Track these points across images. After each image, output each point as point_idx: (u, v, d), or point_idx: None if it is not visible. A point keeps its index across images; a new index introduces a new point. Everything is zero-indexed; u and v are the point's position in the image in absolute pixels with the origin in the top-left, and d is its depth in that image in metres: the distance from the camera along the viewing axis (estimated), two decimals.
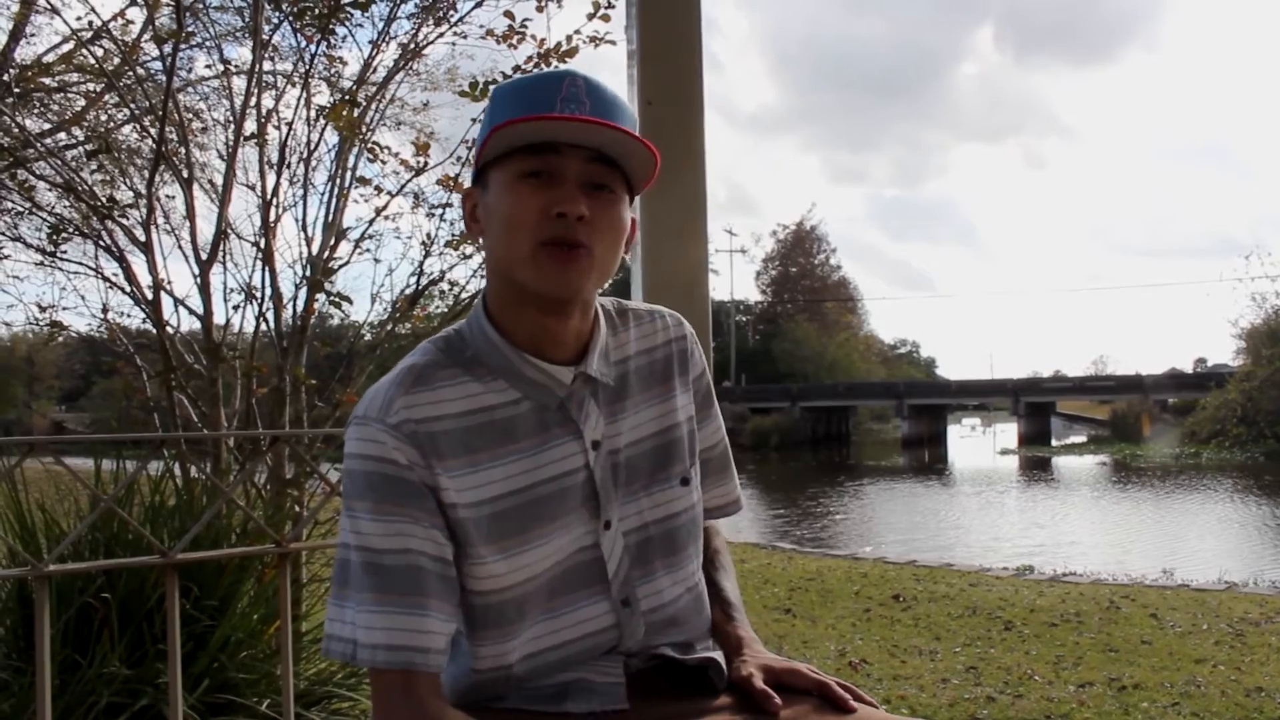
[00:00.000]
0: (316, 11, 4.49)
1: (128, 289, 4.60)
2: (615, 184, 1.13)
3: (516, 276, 1.11)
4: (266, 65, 4.78)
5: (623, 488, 1.20)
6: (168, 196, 5.18)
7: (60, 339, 5.47)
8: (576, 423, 1.17)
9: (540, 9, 4.57)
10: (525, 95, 1.10)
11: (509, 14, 4.54)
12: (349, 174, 4.67)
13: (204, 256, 4.42)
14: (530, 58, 4.44)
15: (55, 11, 5.30)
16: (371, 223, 4.74)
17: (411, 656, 1.05)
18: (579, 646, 1.18)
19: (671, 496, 1.24)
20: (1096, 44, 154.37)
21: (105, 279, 4.89)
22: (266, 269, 4.37)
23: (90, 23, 5.26)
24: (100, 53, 5.89)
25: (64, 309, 5.30)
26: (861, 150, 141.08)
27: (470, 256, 4.76)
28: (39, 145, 5.27)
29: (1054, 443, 42.37)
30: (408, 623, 1.06)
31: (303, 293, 4.40)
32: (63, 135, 7.07)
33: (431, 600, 1.07)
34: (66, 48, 7.41)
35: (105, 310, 5.10)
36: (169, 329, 4.37)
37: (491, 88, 1.18)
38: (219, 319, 4.49)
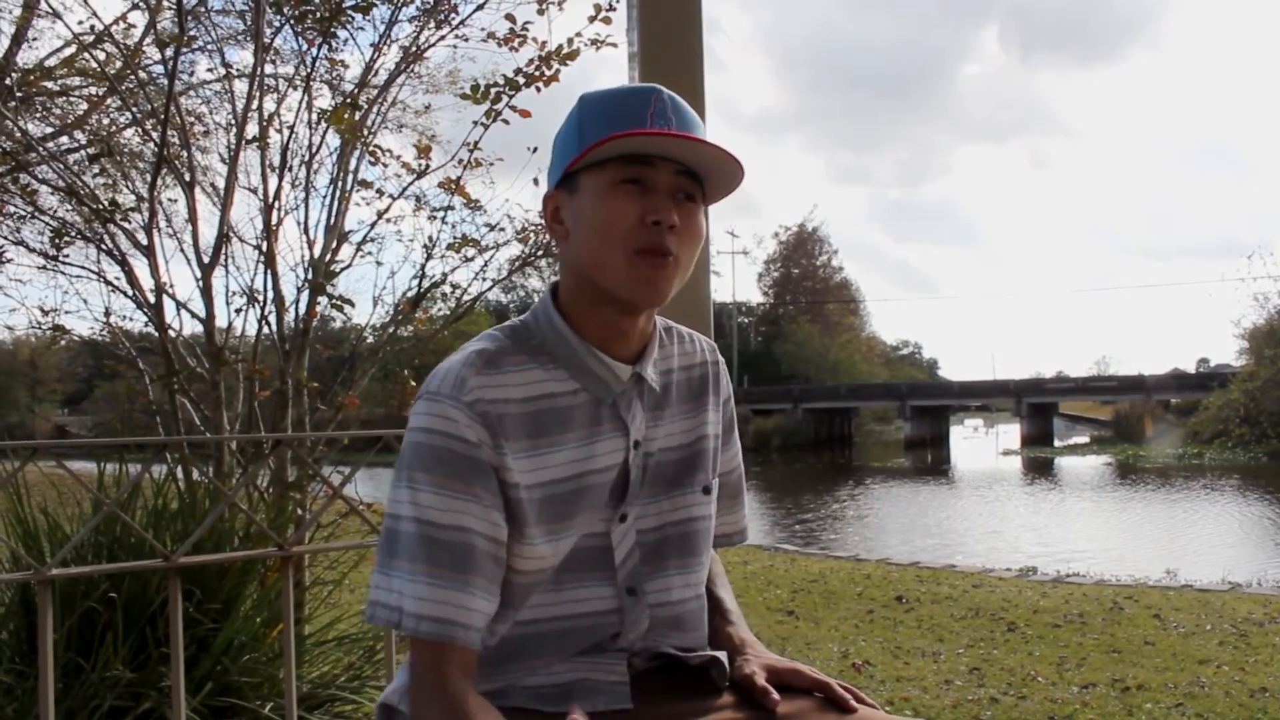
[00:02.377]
0: (318, 15, 4.49)
1: (130, 292, 4.60)
2: (697, 195, 1.19)
3: (604, 280, 1.16)
4: (268, 68, 4.79)
5: (648, 487, 1.24)
6: (170, 200, 5.19)
7: (63, 342, 5.47)
8: (625, 420, 1.22)
9: (541, 12, 4.58)
10: (617, 108, 1.16)
11: (510, 17, 4.55)
12: (350, 177, 4.67)
13: (206, 260, 4.43)
14: (531, 60, 4.44)
15: (57, 15, 5.31)
16: (373, 225, 4.75)
17: (453, 630, 1.08)
18: (579, 624, 1.21)
19: (692, 502, 1.28)
20: (1101, 43, 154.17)
21: (107, 282, 4.90)
22: (268, 272, 4.38)
23: (92, 26, 5.29)
24: (102, 56, 5.90)
25: (66, 313, 5.31)
26: (864, 151, 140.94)
27: (472, 259, 4.77)
28: (41, 149, 5.28)
29: (1056, 443, 42.33)
30: (455, 597, 1.09)
31: (305, 296, 4.41)
32: (65, 139, 7.09)
33: (479, 579, 1.11)
34: (68, 51, 7.43)
35: (107, 314, 5.11)
36: (171, 332, 4.37)
37: (581, 95, 1.24)
38: (221, 322, 4.50)
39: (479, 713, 1.06)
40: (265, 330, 4.45)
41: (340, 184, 4.63)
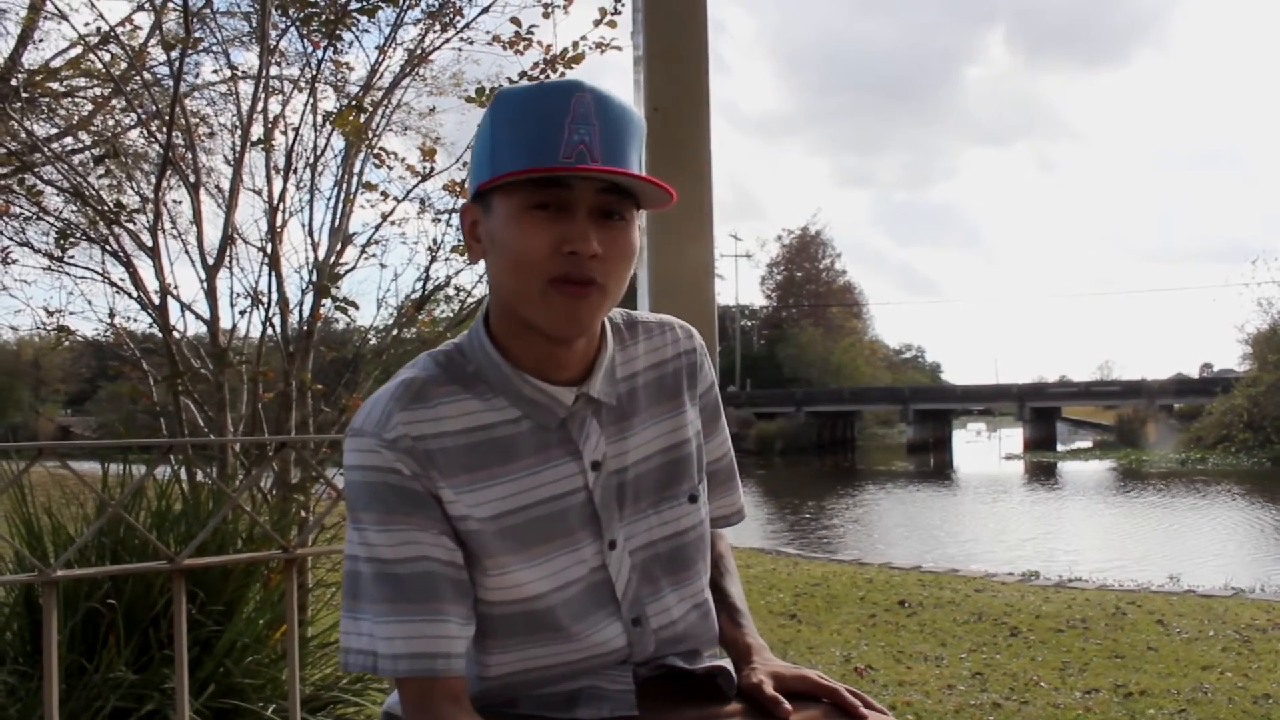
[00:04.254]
0: (323, 17, 4.50)
1: (134, 294, 4.62)
2: (625, 209, 1.09)
3: (523, 313, 1.09)
4: (273, 70, 4.80)
5: (630, 506, 1.19)
6: (174, 201, 5.20)
7: (67, 343, 5.48)
8: (576, 443, 1.15)
9: (547, 15, 4.59)
10: (532, 116, 1.05)
11: (515, 20, 4.56)
12: (355, 179, 4.69)
13: (210, 261, 4.44)
14: (536, 64, 4.46)
15: (63, 17, 5.30)
16: (378, 228, 4.77)
17: (433, 664, 1.05)
18: (590, 664, 1.18)
19: (680, 514, 1.23)
20: (1107, 46, 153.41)
21: (112, 284, 4.90)
22: (273, 274, 4.39)
23: (98, 28, 5.30)
24: (108, 58, 5.92)
25: (71, 313, 5.34)
26: (869, 154, 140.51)
27: (476, 262, 4.77)
28: (46, 150, 5.29)
29: (1059, 448, 42.27)
30: (426, 630, 1.05)
31: (309, 298, 4.42)
32: (70, 140, 7.09)
33: (448, 605, 1.07)
34: (74, 53, 7.44)
35: (112, 315, 5.12)
36: (175, 334, 4.38)
37: (495, 94, 1.09)
38: (225, 324, 4.50)
39: None
40: (269, 332, 4.46)
41: (345, 186, 4.65)
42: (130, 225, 4.66)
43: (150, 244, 4.46)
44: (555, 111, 1.04)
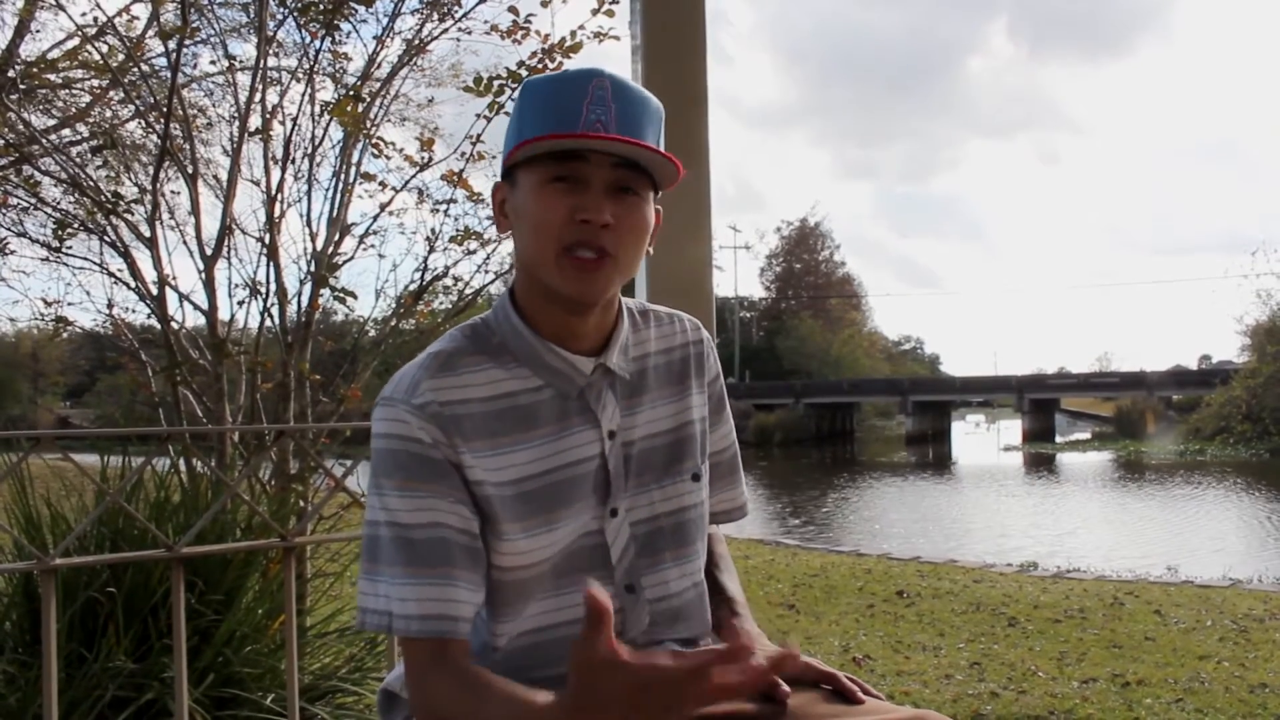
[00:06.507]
0: (321, 7, 4.49)
1: (132, 284, 4.61)
2: (640, 186, 1.16)
3: (542, 278, 1.16)
4: (271, 61, 4.79)
5: (635, 478, 1.23)
6: (173, 192, 5.19)
7: (65, 335, 5.48)
8: (595, 412, 1.21)
9: (545, 4, 4.57)
10: (552, 100, 1.13)
11: (513, 9, 4.55)
12: (353, 169, 4.68)
13: (209, 252, 4.44)
14: (534, 53, 4.45)
15: (60, 7, 5.31)
16: (376, 218, 4.76)
17: (442, 625, 1.09)
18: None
19: (683, 490, 1.27)
20: (1110, 37, 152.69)
21: (110, 274, 4.89)
22: (271, 264, 4.39)
23: (95, 19, 5.31)
24: (105, 49, 5.90)
25: (69, 304, 5.30)
26: (871, 146, 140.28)
27: (474, 252, 4.77)
28: (44, 141, 5.28)
29: (1058, 439, 42.30)
30: (438, 593, 1.09)
31: (307, 288, 4.42)
32: (68, 131, 7.10)
33: (459, 571, 1.11)
34: (72, 44, 7.43)
35: (110, 306, 5.11)
36: (174, 324, 4.38)
37: (524, 81, 1.28)
38: (224, 314, 4.51)
39: (487, 676, 1.07)
40: (268, 322, 4.47)
41: (343, 176, 4.64)
42: (128, 216, 4.65)
43: (148, 234, 4.46)
44: (574, 94, 1.12)
